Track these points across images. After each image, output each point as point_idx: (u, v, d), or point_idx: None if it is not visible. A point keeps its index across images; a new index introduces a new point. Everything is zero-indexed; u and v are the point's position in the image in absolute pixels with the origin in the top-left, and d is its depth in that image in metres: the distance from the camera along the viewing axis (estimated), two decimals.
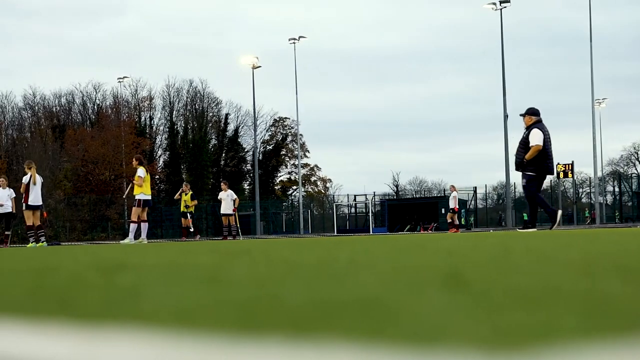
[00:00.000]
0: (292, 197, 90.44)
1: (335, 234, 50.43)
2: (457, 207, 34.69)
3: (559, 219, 16.30)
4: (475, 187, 63.79)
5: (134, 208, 22.10)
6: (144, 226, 22.11)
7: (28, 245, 21.15)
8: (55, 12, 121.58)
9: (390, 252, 5.09)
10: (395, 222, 56.91)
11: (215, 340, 1.21)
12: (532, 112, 16.37)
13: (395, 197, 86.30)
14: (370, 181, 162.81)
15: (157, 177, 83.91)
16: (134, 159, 22.78)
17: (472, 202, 63.41)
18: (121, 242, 22.89)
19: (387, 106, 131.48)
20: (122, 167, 74.57)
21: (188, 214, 30.26)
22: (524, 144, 16.14)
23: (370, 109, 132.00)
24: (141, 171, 21.90)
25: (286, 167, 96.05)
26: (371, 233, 46.93)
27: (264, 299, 1.86)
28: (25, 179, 21.65)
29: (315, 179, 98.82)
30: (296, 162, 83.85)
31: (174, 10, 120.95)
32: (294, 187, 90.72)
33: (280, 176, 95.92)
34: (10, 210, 24.05)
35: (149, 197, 22.25)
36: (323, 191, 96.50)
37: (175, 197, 31.94)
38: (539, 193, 16.51)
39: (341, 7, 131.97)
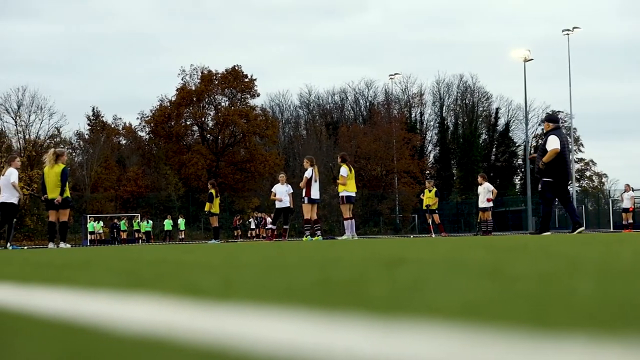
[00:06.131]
0: None
1: (612, 230, 48.64)
2: (633, 206, 33.21)
3: (543, 235, 15.71)
4: None
5: (341, 205, 22.70)
6: (347, 224, 22.61)
7: (304, 239, 21.89)
8: (292, 10, 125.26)
9: None
10: None
11: (511, 335, 1.19)
12: (550, 118, 16.50)
13: None
14: None
15: (427, 172, 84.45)
16: (339, 157, 23.23)
17: None
18: (338, 238, 23.65)
19: None
20: (393, 162, 75.68)
21: (436, 210, 30.89)
22: (543, 150, 16.09)
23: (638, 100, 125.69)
24: (344, 170, 22.36)
25: None
26: None
27: (554, 294, 1.82)
28: (307, 174, 22.51)
29: (590, 173, 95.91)
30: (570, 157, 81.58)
31: (420, 4, 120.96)
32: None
33: None
34: (288, 205, 24.98)
35: (353, 194, 22.64)
36: (599, 186, 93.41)
37: (421, 197, 32.63)
38: (553, 203, 16.41)
39: None
